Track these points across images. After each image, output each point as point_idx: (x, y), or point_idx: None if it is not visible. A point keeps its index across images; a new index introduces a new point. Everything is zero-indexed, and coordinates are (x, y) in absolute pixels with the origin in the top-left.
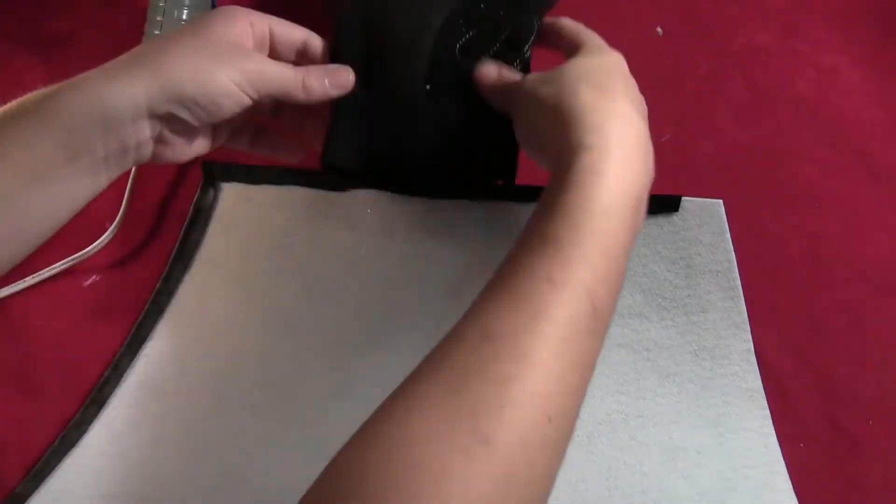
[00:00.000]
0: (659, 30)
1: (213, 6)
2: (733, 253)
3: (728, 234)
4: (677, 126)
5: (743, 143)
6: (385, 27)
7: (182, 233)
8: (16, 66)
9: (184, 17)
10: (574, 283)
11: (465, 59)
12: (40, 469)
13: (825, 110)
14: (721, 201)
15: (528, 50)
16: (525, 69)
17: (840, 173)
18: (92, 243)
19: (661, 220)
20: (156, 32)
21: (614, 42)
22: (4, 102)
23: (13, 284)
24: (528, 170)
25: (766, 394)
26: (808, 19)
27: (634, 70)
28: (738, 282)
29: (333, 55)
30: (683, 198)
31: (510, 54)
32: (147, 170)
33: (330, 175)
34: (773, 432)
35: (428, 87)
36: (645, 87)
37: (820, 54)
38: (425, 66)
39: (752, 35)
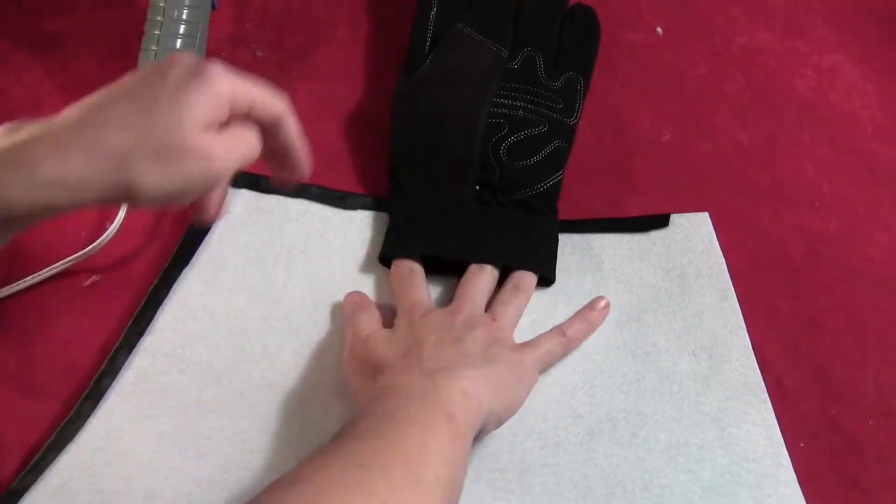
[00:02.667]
0: (659, 30)
1: (214, 6)
2: (723, 258)
3: (716, 242)
4: (677, 126)
5: (743, 142)
6: (436, 132)
7: (186, 230)
8: (16, 66)
9: (184, 16)
10: None
11: (510, 161)
12: (37, 464)
13: (825, 110)
14: (707, 214)
15: (560, 174)
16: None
17: (840, 173)
18: (92, 243)
19: (653, 237)
20: (155, 32)
21: (614, 42)
22: (4, 102)
23: (13, 284)
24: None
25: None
26: (808, 19)
27: (635, 70)
28: (730, 284)
29: (391, 160)
30: (672, 214)
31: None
32: None
33: (340, 193)
34: (776, 425)
35: (478, 188)
36: (645, 87)
37: (820, 54)
38: (476, 167)
39: (752, 35)
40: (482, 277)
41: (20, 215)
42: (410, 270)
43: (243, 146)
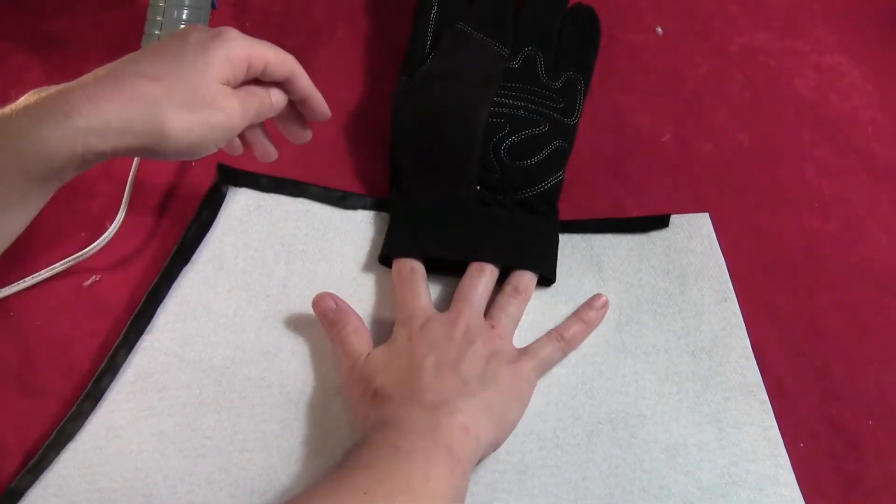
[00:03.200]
0: (659, 30)
1: (214, 6)
2: (723, 259)
3: (716, 243)
4: (677, 126)
5: (743, 143)
6: (437, 131)
7: (186, 228)
8: (16, 66)
9: (184, 16)
10: None
11: (511, 161)
12: (37, 463)
13: (825, 110)
14: (707, 214)
15: (561, 174)
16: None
17: (840, 173)
18: (92, 243)
19: (654, 237)
20: (156, 32)
21: (614, 42)
22: (4, 102)
23: (13, 284)
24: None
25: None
26: (808, 19)
27: (635, 70)
28: (730, 285)
29: (391, 162)
30: (672, 215)
31: (551, 172)
32: (147, 170)
33: (340, 192)
34: (776, 425)
35: (479, 187)
36: (645, 87)
37: (820, 54)
38: (476, 166)
39: (752, 35)
40: (481, 280)
41: (60, 166)
42: (411, 269)
43: (256, 101)
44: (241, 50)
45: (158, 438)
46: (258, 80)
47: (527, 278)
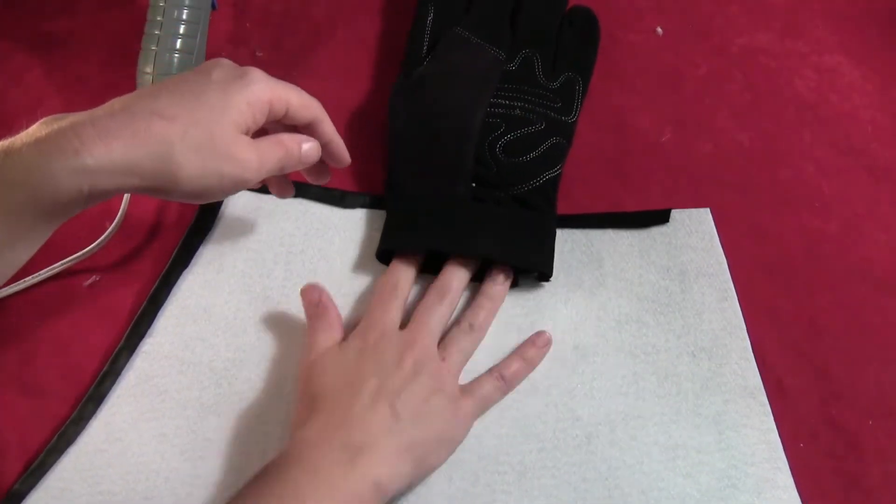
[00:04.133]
0: (659, 30)
1: (214, 7)
2: (724, 256)
3: (717, 239)
4: (677, 126)
5: (743, 143)
6: (431, 130)
7: (186, 232)
8: (16, 66)
9: (184, 16)
10: None
11: (506, 158)
12: (38, 466)
13: (825, 110)
14: (708, 209)
15: (559, 168)
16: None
17: (840, 173)
18: (92, 243)
19: (654, 233)
20: (156, 32)
21: (614, 42)
22: (4, 102)
23: (13, 284)
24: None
25: (765, 393)
26: (808, 19)
27: (635, 70)
28: (731, 283)
29: (389, 160)
30: (672, 210)
31: (546, 169)
32: None
33: (338, 192)
34: (775, 428)
35: (474, 184)
36: (645, 87)
37: (820, 54)
38: (470, 165)
39: (752, 35)
40: (442, 306)
41: (66, 203)
42: (394, 286)
43: (281, 153)
44: (262, 94)
45: (159, 441)
46: (294, 127)
47: (483, 314)
